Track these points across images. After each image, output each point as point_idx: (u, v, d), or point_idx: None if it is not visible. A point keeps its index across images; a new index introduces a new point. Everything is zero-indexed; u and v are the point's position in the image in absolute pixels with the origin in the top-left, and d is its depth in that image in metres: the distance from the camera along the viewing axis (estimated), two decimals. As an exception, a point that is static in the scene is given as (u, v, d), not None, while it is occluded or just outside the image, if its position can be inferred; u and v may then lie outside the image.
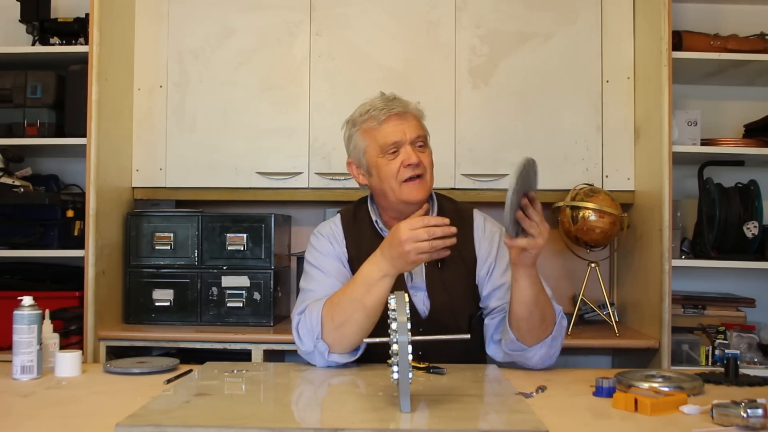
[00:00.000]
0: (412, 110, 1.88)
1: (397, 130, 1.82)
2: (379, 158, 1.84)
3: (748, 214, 2.61)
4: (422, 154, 1.84)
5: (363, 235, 1.91)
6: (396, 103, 1.86)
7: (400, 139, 1.82)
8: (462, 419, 1.29)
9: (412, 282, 1.88)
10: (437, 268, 1.88)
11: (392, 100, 1.87)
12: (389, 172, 1.82)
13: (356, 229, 1.93)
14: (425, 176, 1.84)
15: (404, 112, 1.85)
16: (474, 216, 1.97)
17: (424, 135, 1.88)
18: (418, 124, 1.87)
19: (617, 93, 2.79)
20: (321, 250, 1.90)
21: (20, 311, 1.69)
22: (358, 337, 1.70)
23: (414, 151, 1.82)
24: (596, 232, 2.58)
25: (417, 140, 1.84)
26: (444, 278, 1.88)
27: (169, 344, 2.60)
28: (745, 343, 2.61)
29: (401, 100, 1.89)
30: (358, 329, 1.69)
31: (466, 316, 1.88)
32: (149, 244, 2.70)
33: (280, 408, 1.47)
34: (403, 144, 1.82)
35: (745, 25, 2.78)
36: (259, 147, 2.78)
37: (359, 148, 1.88)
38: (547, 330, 1.75)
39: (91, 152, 2.51)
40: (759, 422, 1.22)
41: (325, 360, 1.75)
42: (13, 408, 1.42)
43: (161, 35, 2.82)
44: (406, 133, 1.82)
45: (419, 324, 1.80)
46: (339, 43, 2.79)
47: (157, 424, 1.22)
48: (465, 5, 2.79)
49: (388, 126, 1.83)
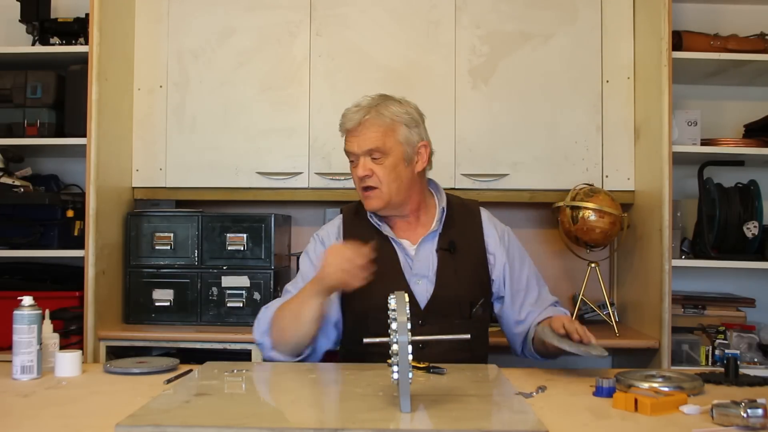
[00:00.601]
0: (371, 121, 1.88)
1: (352, 141, 1.91)
2: (349, 163, 1.95)
3: (748, 214, 2.61)
4: (378, 165, 1.88)
5: (364, 230, 1.97)
6: (356, 115, 1.89)
7: (353, 151, 1.91)
8: (462, 419, 1.29)
9: (413, 269, 1.92)
10: (450, 253, 1.93)
11: (358, 110, 1.90)
12: (354, 179, 1.94)
13: (357, 224, 1.99)
14: (380, 188, 1.89)
15: (358, 126, 1.88)
16: (480, 210, 2.06)
17: (381, 147, 1.87)
18: (374, 136, 1.87)
19: (617, 93, 2.79)
20: (311, 256, 1.99)
21: (20, 311, 1.69)
22: (294, 343, 1.83)
23: (364, 164, 1.89)
24: (596, 232, 2.58)
25: (371, 152, 1.88)
26: (456, 265, 1.93)
27: (169, 344, 2.60)
28: (745, 343, 2.61)
29: (365, 109, 1.89)
30: (294, 337, 1.81)
31: (468, 303, 1.92)
32: (149, 244, 2.70)
33: (280, 408, 1.47)
34: (357, 157, 1.90)
35: (745, 25, 2.78)
36: (259, 147, 2.78)
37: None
38: None
39: (91, 152, 2.51)
40: (759, 422, 1.22)
41: (267, 354, 1.88)
42: (13, 408, 1.42)
43: (161, 35, 2.82)
44: (359, 146, 1.89)
45: (418, 315, 1.84)
46: (339, 43, 2.79)
47: (157, 424, 1.22)
48: (465, 5, 2.79)
49: (348, 136, 1.92)
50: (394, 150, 1.89)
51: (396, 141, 1.89)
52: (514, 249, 2.02)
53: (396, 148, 1.89)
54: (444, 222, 1.96)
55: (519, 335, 2.00)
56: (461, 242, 1.94)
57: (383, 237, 1.95)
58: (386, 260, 1.91)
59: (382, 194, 1.89)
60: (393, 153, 1.89)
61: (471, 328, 1.89)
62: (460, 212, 2.01)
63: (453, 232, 1.96)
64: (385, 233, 1.95)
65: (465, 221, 2.00)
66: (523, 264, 2.02)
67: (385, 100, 1.92)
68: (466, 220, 2.00)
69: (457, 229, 1.97)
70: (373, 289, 1.88)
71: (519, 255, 2.03)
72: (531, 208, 2.99)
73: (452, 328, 1.86)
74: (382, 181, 1.88)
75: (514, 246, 2.03)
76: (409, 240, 1.95)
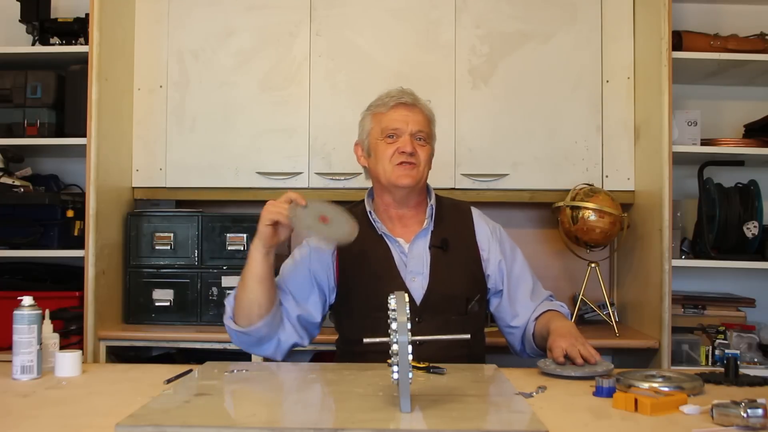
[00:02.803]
0: (422, 106, 1.98)
1: (400, 118, 1.93)
2: (379, 140, 1.95)
3: (748, 214, 2.61)
4: (420, 147, 1.94)
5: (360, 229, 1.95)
6: (408, 96, 1.97)
7: (400, 127, 1.93)
8: (462, 419, 1.29)
9: (407, 266, 1.93)
10: (443, 250, 1.95)
11: (407, 93, 1.98)
12: (385, 154, 1.93)
13: None
14: (418, 167, 1.92)
15: (413, 105, 1.96)
16: (471, 209, 2.09)
17: (427, 131, 1.96)
18: (423, 119, 1.96)
19: (617, 93, 2.79)
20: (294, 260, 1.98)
21: (20, 311, 1.69)
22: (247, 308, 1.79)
23: (411, 141, 1.92)
24: (596, 232, 2.58)
25: (418, 133, 1.94)
26: (448, 260, 1.94)
27: (169, 344, 2.60)
28: (745, 343, 2.61)
29: (415, 96, 2.00)
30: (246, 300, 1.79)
31: (464, 299, 1.94)
32: (149, 244, 2.70)
33: (280, 408, 1.47)
34: (403, 132, 1.93)
35: (745, 25, 2.78)
36: (259, 147, 2.78)
37: (365, 129, 2.00)
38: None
39: (91, 152, 2.51)
40: (759, 422, 1.22)
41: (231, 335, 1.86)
42: (13, 408, 1.42)
43: (161, 35, 2.82)
44: (408, 123, 1.93)
45: (414, 311, 1.84)
46: (339, 43, 2.79)
47: (157, 424, 1.22)
48: (465, 5, 2.79)
49: (394, 113, 1.94)
50: (432, 139, 1.99)
51: (433, 132, 2.01)
52: (506, 244, 2.04)
53: (432, 139, 2.00)
54: (435, 220, 1.98)
55: (516, 331, 2.01)
56: (453, 240, 1.97)
57: (378, 236, 1.96)
58: (382, 258, 1.94)
59: (418, 172, 1.92)
60: (430, 141, 1.98)
61: (467, 324, 1.91)
62: (451, 211, 2.04)
63: (445, 230, 1.98)
64: (380, 231, 1.96)
65: (456, 219, 2.02)
66: (515, 259, 2.04)
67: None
68: (457, 218, 2.03)
69: (448, 227, 1.99)
70: (370, 287, 1.90)
71: (511, 250, 2.05)
72: (531, 208, 2.99)
73: (448, 324, 1.87)
74: (421, 161, 1.93)
75: (506, 241, 2.05)
76: (404, 238, 1.97)
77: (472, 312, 1.95)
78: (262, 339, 1.85)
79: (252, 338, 1.84)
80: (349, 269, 1.94)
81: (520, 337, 2.02)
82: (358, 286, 1.93)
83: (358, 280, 1.93)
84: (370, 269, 1.93)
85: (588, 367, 1.69)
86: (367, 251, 1.94)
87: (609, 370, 1.67)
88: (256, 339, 1.84)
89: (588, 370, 1.67)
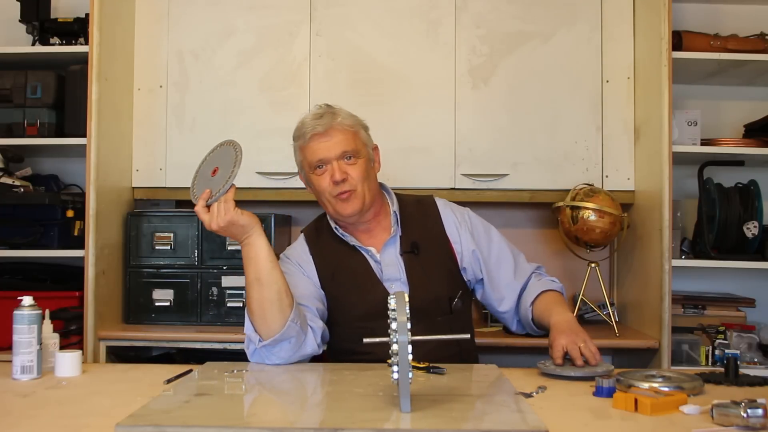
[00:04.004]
0: (338, 125, 1.89)
1: (321, 147, 1.88)
2: (311, 174, 1.92)
3: (748, 214, 2.61)
4: (351, 167, 1.89)
5: (327, 245, 1.97)
6: (321, 121, 1.89)
7: (324, 157, 1.88)
8: (462, 419, 1.29)
9: (383, 274, 1.92)
10: (414, 255, 1.93)
11: (320, 117, 1.90)
12: (321, 188, 1.90)
13: (321, 242, 1.99)
14: (356, 189, 1.88)
15: (327, 130, 1.88)
16: (435, 201, 2.06)
17: (353, 148, 1.89)
18: (344, 138, 1.89)
19: (617, 93, 2.78)
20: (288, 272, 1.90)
21: (20, 311, 1.69)
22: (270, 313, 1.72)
23: (339, 167, 1.87)
24: (596, 232, 2.58)
25: (343, 155, 1.88)
26: (422, 263, 1.93)
27: (169, 344, 2.60)
28: (745, 343, 2.61)
29: (328, 117, 1.90)
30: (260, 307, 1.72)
31: (447, 299, 1.93)
32: (149, 244, 2.70)
33: (280, 408, 1.47)
34: (329, 160, 1.88)
35: (745, 25, 2.78)
36: (259, 147, 2.78)
37: (298, 162, 1.97)
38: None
39: (91, 152, 2.51)
40: (759, 422, 1.22)
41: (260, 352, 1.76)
42: (13, 408, 1.42)
43: (161, 35, 2.82)
44: (330, 150, 1.88)
45: None
46: (339, 43, 2.79)
47: (157, 424, 1.22)
48: (465, 5, 2.79)
49: (314, 144, 1.89)
50: (361, 151, 1.92)
51: (361, 143, 1.93)
52: (478, 229, 2.01)
53: (362, 150, 1.93)
54: (401, 224, 1.96)
55: (506, 315, 2.00)
56: (424, 241, 1.95)
57: (350, 248, 1.95)
58: (359, 269, 1.93)
59: (359, 195, 1.89)
60: (361, 154, 1.91)
61: (454, 322, 1.91)
62: (416, 210, 2.01)
63: (413, 233, 1.96)
64: (351, 243, 1.95)
65: (422, 219, 1.99)
66: (491, 241, 2.02)
67: (333, 108, 1.94)
68: (423, 217, 2.00)
69: (416, 228, 1.97)
70: (354, 299, 1.90)
71: (485, 232, 2.02)
72: (531, 208, 2.99)
73: (435, 325, 1.87)
74: (358, 181, 1.88)
75: (477, 226, 2.02)
76: (375, 247, 1.96)
77: (456, 310, 1.94)
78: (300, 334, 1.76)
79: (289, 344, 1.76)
80: (329, 284, 1.94)
81: (513, 320, 2.01)
82: (340, 298, 1.93)
83: (340, 293, 1.92)
84: (351, 281, 1.92)
85: (588, 367, 1.69)
86: (343, 264, 1.94)
87: (609, 370, 1.67)
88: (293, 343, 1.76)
89: (588, 370, 1.67)
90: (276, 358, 1.77)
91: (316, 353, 1.83)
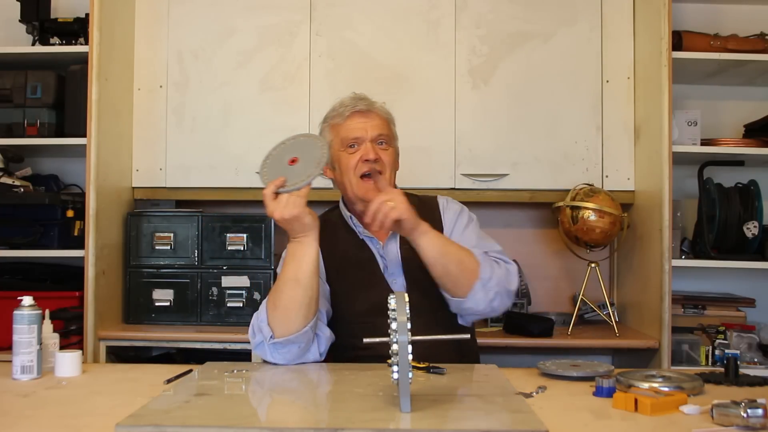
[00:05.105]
0: (378, 110, 1.96)
1: (358, 126, 1.91)
2: (340, 152, 1.92)
3: (748, 214, 2.61)
4: (383, 152, 1.91)
5: (336, 238, 1.96)
6: (362, 102, 1.94)
7: (360, 135, 1.90)
8: (462, 419, 1.29)
9: (388, 270, 1.92)
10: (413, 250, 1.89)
11: (360, 99, 1.95)
12: (348, 165, 1.90)
13: (328, 235, 1.95)
14: (384, 174, 1.90)
15: (368, 111, 1.93)
16: (438, 200, 2.06)
17: (388, 134, 1.94)
18: (381, 123, 1.94)
19: (617, 93, 2.79)
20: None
21: (20, 311, 1.69)
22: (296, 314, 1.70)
23: (373, 148, 1.89)
24: (596, 232, 2.58)
25: (378, 138, 1.91)
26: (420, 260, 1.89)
27: (169, 344, 2.60)
28: (745, 343, 2.61)
29: (369, 100, 1.96)
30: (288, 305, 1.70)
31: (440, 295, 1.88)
32: (149, 244, 2.70)
33: (280, 408, 1.47)
34: (363, 140, 1.90)
35: (745, 25, 2.78)
36: (259, 147, 2.74)
37: None
38: (473, 274, 1.80)
39: (91, 152, 2.51)
40: (759, 422, 1.22)
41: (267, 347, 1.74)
42: (13, 408, 1.42)
43: (161, 35, 2.82)
44: (367, 131, 1.91)
45: None
46: (339, 43, 2.79)
47: (157, 424, 1.22)
48: (465, 5, 2.79)
49: (352, 122, 1.92)
50: (393, 140, 1.96)
51: (394, 133, 1.98)
52: (461, 221, 1.98)
53: (394, 140, 1.97)
54: None
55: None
56: None
57: (358, 241, 1.95)
58: (366, 264, 1.93)
59: (386, 179, 1.90)
60: (393, 143, 1.96)
61: (454, 318, 1.90)
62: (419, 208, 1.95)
63: None
64: (361, 237, 1.95)
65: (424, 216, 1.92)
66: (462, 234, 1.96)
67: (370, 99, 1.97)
68: (425, 214, 1.94)
69: None
70: (357, 293, 1.89)
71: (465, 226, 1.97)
72: (531, 208, 2.99)
73: (436, 321, 1.86)
74: (387, 166, 1.91)
75: (462, 219, 1.99)
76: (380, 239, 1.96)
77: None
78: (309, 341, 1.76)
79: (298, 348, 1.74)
80: (335, 278, 1.93)
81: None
82: (344, 293, 1.92)
83: (345, 288, 1.92)
84: (356, 275, 1.91)
85: (588, 367, 1.69)
86: (350, 257, 1.93)
87: (609, 370, 1.67)
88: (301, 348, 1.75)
89: (588, 370, 1.67)
90: (280, 357, 1.76)
91: (316, 360, 1.82)
